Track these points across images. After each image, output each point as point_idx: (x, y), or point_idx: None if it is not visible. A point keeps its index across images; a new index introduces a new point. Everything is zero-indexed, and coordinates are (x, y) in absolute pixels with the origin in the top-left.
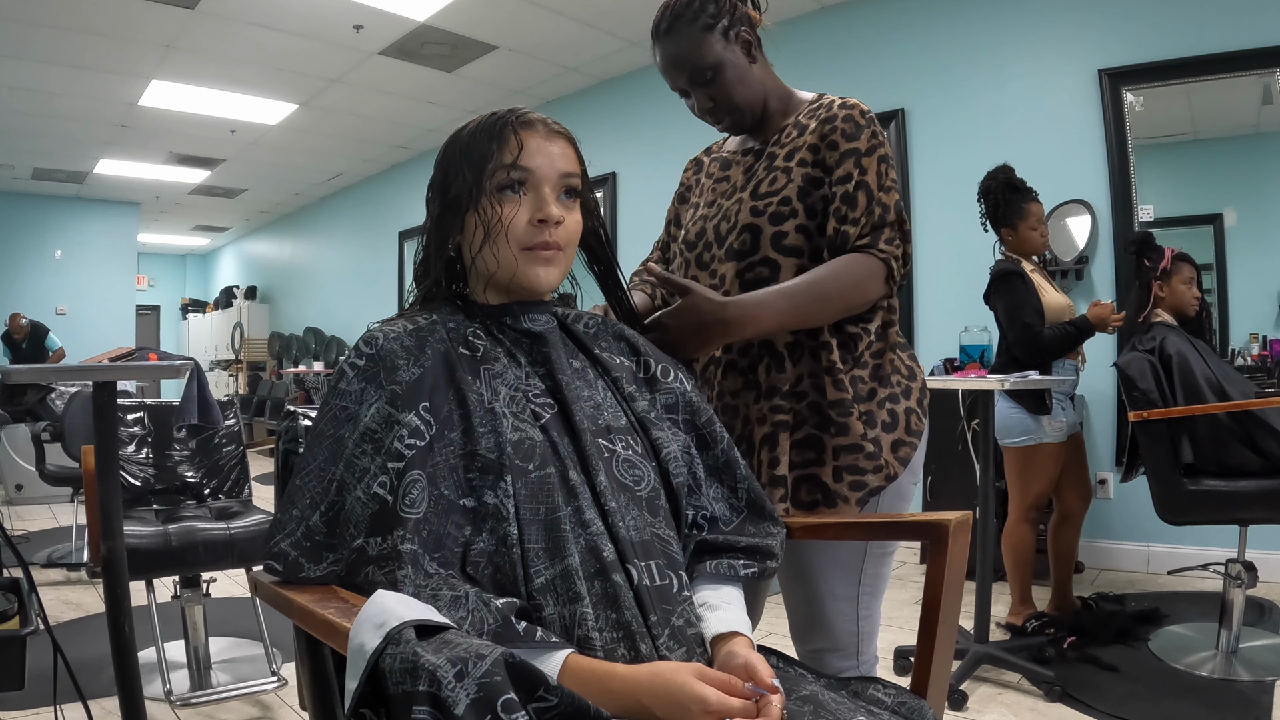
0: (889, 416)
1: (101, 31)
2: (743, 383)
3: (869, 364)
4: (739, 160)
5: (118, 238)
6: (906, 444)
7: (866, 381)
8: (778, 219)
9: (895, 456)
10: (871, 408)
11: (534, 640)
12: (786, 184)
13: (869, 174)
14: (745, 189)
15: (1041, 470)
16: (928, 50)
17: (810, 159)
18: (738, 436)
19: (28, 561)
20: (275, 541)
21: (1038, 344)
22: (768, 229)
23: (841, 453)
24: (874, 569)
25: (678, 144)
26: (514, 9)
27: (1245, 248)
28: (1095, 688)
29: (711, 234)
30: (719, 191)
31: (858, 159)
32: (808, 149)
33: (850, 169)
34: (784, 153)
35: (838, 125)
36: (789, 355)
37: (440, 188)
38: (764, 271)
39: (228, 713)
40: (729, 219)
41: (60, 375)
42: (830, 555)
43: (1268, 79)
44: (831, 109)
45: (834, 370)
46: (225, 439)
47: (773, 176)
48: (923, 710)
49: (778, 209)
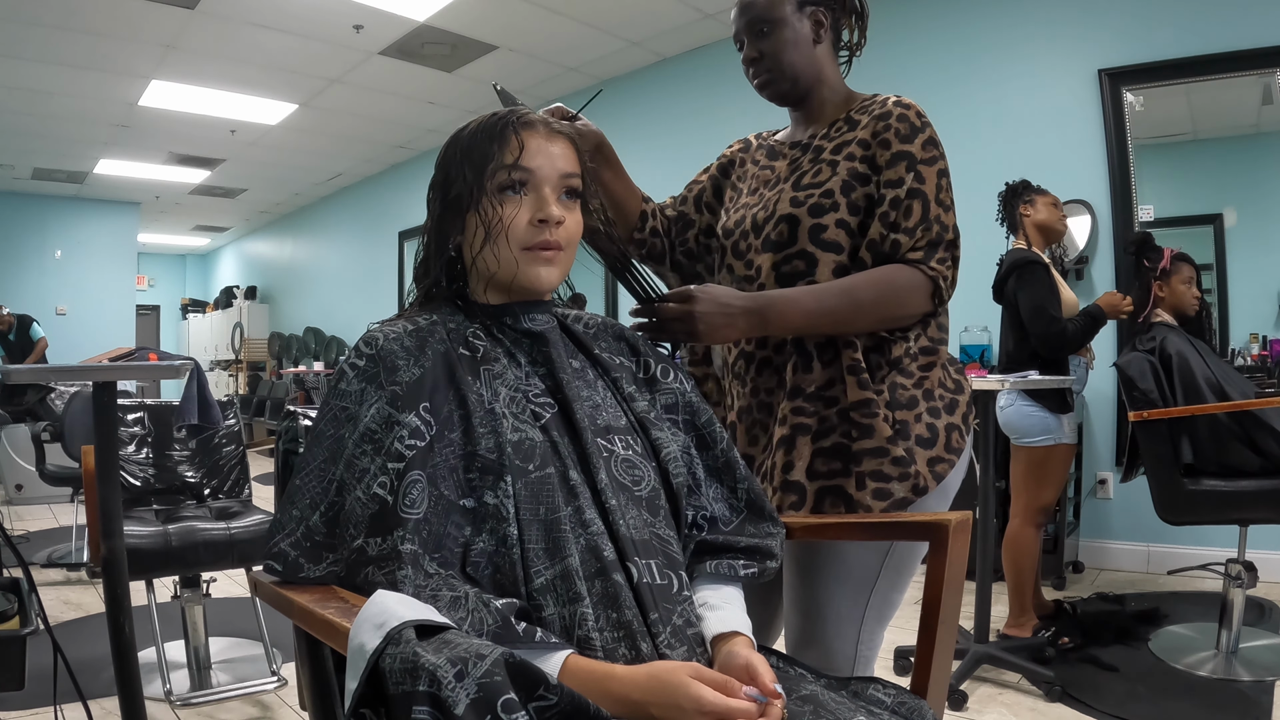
0: (927, 431)
1: (101, 31)
2: (776, 380)
3: (915, 374)
4: (786, 152)
5: (118, 238)
6: (944, 460)
7: (908, 389)
8: (817, 211)
9: (931, 471)
10: (908, 419)
11: (533, 641)
12: (831, 177)
13: (927, 184)
14: (788, 180)
15: (1057, 471)
16: (928, 50)
17: (859, 154)
18: (769, 437)
19: (28, 561)
20: (275, 541)
21: (1063, 338)
22: (806, 221)
23: (865, 457)
24: (885, 593)
25: (678, 144)
26: (514, 9)
27: (1245, 248)
28: (1095, 688)
29: (749, 223)
30: (762, 180)
31: (912, 163)
32: (858, 144)
33: (902, 173)
34: (832, 146)
35: (892, 124)
36: (818, 355)
37: (441, 188)
38: (800, 265)
39: (228, 713)
40: (768, 209)
41: (60, 375)
42: (840, 572)
43: (1268, 79)
44: (886, 105)
45: (857, 369)
46: (225, 439)
47: (817, 169)
48: (923, 710)
49: (819, 201)
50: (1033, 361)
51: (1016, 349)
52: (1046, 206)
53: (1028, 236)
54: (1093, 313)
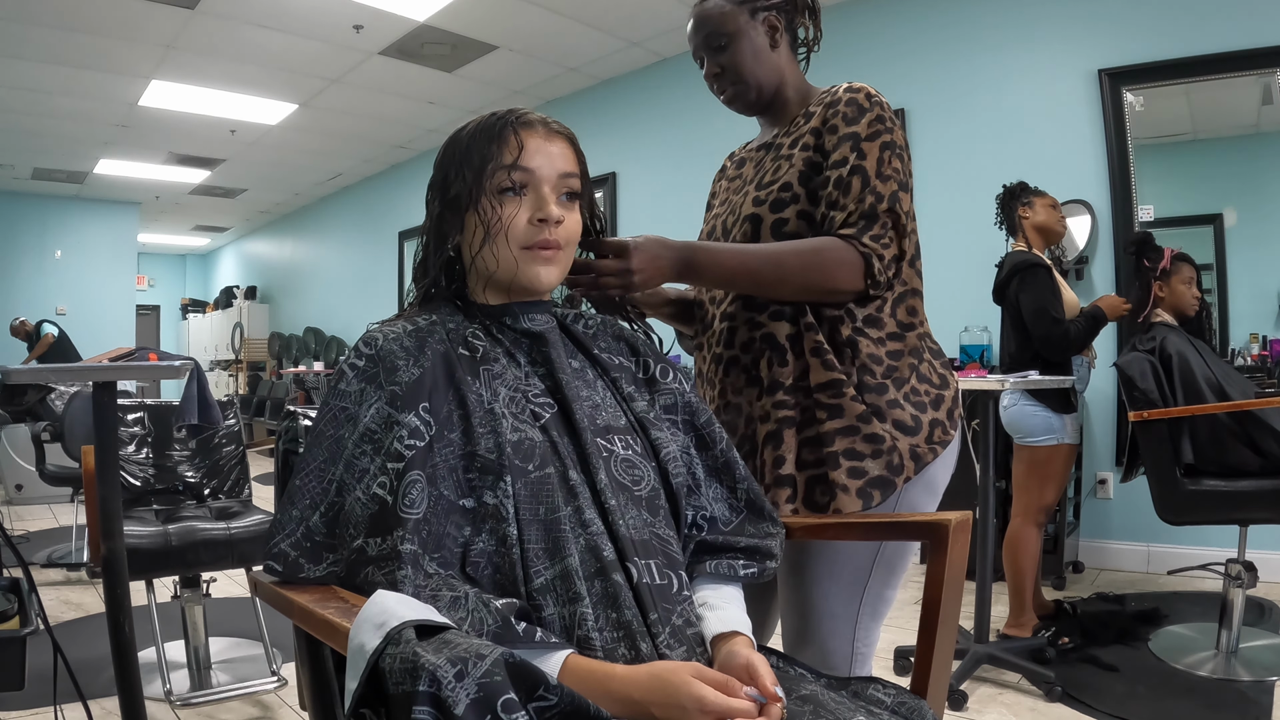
0: (911, 420)
1: (101, 31)
2: (745, 379)
3: (883, 360)
4: (753, 156)
5: (118, 238)
6: (926, 449)
7: (876, 376)
8: (778, 205)
9: (910, 452)
10: (880, 403)
11: (534, 641)
12: (788, 170)
13: (868, 160)
14: (752, 181)
15: (1058, 471)
16: (928, 50)
17: (812, 143)
18: (740, 437)
19: (28, 561)
20: (275, 542)
21: (1066, 340)
22: (768, 217)
23: (836, 437)
24: (879, 590)
25: (678, 144)
26: (514, 9)
27: (1245, 248)
28: (1095, 688)
29: (720, 229)
30: (732, 189)
31: (855, 143)
32: (810, 133)
33: (846, 153)
34: (789, 141)
35: (840, 109)
36: (790, 348)
37: (440, 188)
38: None
39: (228, 713)
40: (735, 212)
41: (60, 375)
42: (833, 570)
43: (1268, 79)
44: (837, 93)
45: (820, 351)
46: (225, 439)
47: (777, 165)
48: (922, 710)
49: (778, 196)
50: (1035, 363)
51: (1019, 350)
52: (1045, 208)
53: (1027, 239)
54: (1093, 314)
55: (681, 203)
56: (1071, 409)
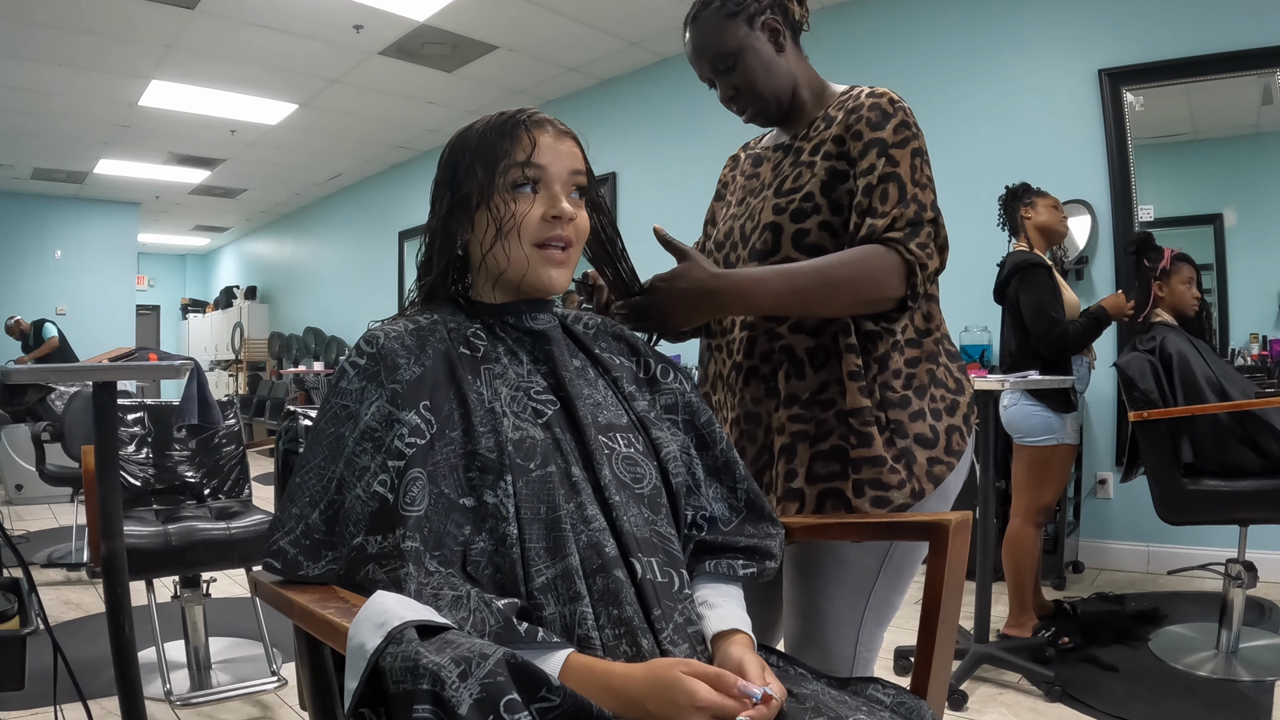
0: (929, 432)
1: (101, 31)
2: (764, 390)
3: (902, 372)
4: (770, 156)
5: (118, 238)
6: (943, 463)
7: (898, 390)
8: (799, 216)
9: (928, 474)
10: (903, 418)
11: (535, 641)
12: (810, 179)
13: (901, 166)
14: (771, 186)
15: (1058, 471)
16: (928, 50)
17: (834, 151)
18: (760, 447)
19: (28, 561)
20: (274, 539)
21: (1065, 340)
22: (789, 227)
23: (863, 465)
24: (884, 595)
25: (678, 144)
26: (514, 9)
27: (1245, 248)
28: (1095, 688)
29: (738, 234)
30: (749, 189)
31: (884, 149)
32: (832, 141)
33: (874, 160)
34: (810, 146)
35: (863, 114)
36: (810, 361)
37: (449, 186)
38: None
39: (228, 713)
40: (754, 218)
41: (60, 375)
42: (839, 573)
43: (1268, 79)
44: (859, 98)
45: (856, 376)
46: (225, 439)
47: (797, 172)
48: (922, 710)
49: (800, 205)
50: (1035, 363)
51: (1019, 350)
52: (1047, 209)
53: (1029, 239)
54: (1095, 314)
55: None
56: (1071, 409)
